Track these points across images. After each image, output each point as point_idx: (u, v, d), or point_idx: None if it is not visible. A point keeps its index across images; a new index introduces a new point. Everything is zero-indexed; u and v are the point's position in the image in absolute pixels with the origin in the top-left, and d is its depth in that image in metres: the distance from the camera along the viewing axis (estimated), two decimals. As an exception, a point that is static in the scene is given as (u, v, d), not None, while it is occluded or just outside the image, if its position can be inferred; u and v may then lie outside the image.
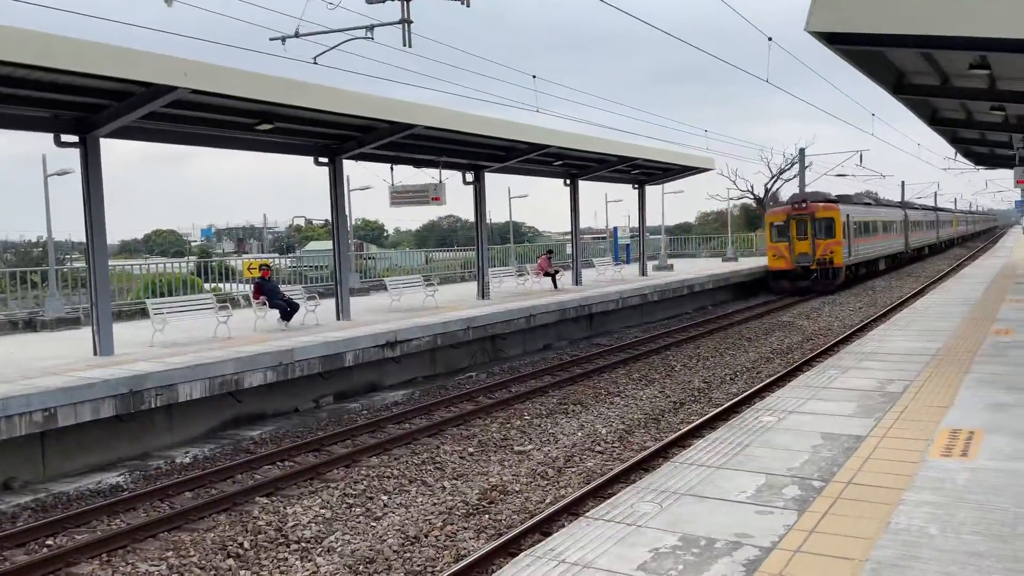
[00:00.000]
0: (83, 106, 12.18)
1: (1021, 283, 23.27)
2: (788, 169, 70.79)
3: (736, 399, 13.20)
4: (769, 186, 75.30)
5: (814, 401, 9.03)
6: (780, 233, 31.47)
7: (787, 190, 76.62)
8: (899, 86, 13.29)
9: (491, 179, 25.97)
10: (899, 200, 58.77)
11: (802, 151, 51.73)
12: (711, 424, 11.63)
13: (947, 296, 20.68)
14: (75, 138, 12.45)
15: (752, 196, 76.35)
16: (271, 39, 17.32)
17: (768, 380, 14.69)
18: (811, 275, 30.72)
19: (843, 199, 34.89)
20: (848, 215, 32.42)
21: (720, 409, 12.55)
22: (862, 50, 9.68)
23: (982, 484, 5.99)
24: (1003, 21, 6.93)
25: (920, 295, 26.67)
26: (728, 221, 54.55)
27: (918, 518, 5.37)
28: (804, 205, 31.37)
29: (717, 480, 6.39)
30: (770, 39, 23.99)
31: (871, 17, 7.62)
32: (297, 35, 16.79)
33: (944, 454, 6.77)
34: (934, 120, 18.00)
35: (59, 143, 12.40)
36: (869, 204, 40.44)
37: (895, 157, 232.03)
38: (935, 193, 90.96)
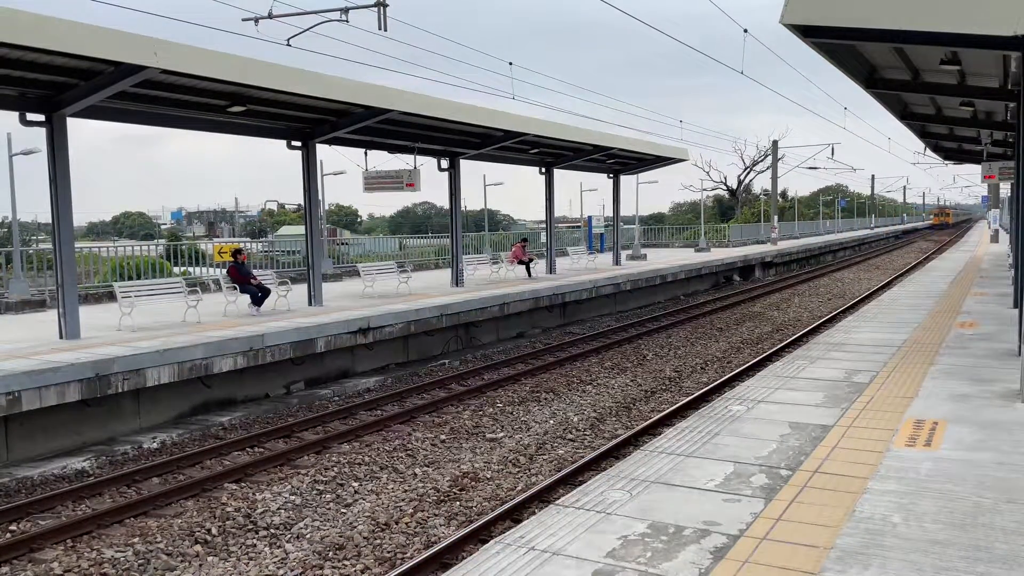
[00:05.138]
0: (50, 84, 11.92)
1: (986, 277, 23.71)
2: (761, 161, 71.43)
3: (706, 388, 13.33)
4: (742, 178, 75.95)
5: (783, 391, 9.14)
6: (935, 215, 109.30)
7: (760, 182, 77.51)
8: (871, 80, 13.41)
9: (466, 166, 25.81)
10: (954, 205, 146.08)
11: (775, 143, 52.19)
12: (682, 413, 11.74)
13: (914, 288, 21.02)
14: (41, 117, 12.18)
15: (725, 187, 76.91)
16: (243, 19, 17.10)
17: (738, 370, 14.85)
18: (942, 225, 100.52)
19: (952, 207, 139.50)
20: (951, 210, 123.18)
21: (691, 398, 12.66)
22: (836, 43, 9.75)
23: (944, 474, 6.12)
24: (974, 17, 7.02)
25: (888, 287, 27.09)
26: (701, 212, 54.93)
27: (882, 507, 5.47)
28: (943, 209, 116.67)
29: (687, 468, 6.45)
30: (745, 31, 24.14)
31: (846, 10, 7.69)
32: (270, 16, 16.60)
33: (908, 444, 6.89)
34: (905, 115, 18.22)
35: (24, 122, 12.14)
36: (955, 207, 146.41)
37: (866, 150, 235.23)
38: (904, 187, 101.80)
